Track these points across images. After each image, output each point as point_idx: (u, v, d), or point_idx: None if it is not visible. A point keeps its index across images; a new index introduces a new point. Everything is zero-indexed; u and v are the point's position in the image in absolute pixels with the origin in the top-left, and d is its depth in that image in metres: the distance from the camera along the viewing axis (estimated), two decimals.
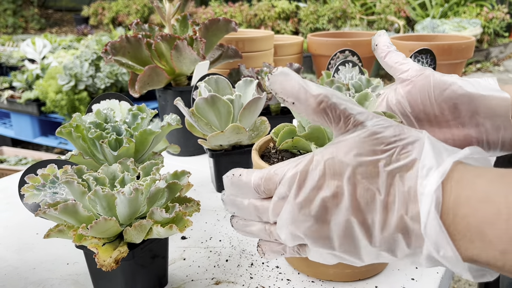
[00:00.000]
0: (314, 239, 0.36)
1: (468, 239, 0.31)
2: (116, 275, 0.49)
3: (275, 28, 5.26)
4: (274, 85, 0.37)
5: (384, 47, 0.53)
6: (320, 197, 0.35)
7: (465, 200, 0.31)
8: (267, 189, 0.38)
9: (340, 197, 0.34)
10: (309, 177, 0.35)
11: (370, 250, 0.35)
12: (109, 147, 0.58)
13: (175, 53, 0.83)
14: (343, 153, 0.35)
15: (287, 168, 0.37)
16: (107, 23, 7.11)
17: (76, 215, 0.45)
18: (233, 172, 0.40)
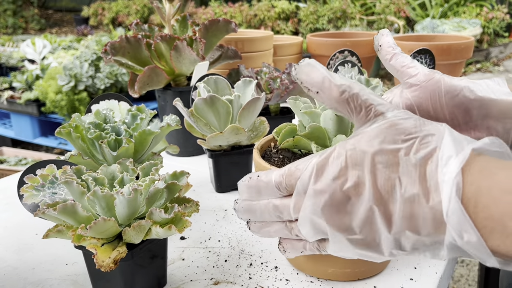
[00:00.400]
0: (336, 230, 0.36)
1: (488, 230, 0.30)
2: (115, 276, 0.49)
3: (275, 29, 5.26)
4: (300, 75, 0.38)
5: (389, 48, 0.51)
6: (341, 187, 0.35)
7: (486, 190, 0.31)
8: (289, 185, 0.38)
9: (362, 186, 0.35)
10: (330, 168, 0.36)
11: (390, 241, 0.35)
12: (108, 147, 0.58)
13: (175, 54, 0.83)
14: (364, 143, 0.35)
15: (309, 162, 0.37)
16: (107, 24, 7.11)
17: (75, 215, 0.45)
18: (250, 176, 0.41)
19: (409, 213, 0.33)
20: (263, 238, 0.63)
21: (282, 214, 0.40)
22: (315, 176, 0.36)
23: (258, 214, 0.41)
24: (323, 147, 0.51)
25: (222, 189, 0.78)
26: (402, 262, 0.56)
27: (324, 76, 0.38)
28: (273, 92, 0.90)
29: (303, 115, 0.51)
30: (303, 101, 0.52)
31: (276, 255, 0.59)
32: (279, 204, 0.39)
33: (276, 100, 0.93)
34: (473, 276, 1.97)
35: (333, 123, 0.48)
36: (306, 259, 0.53)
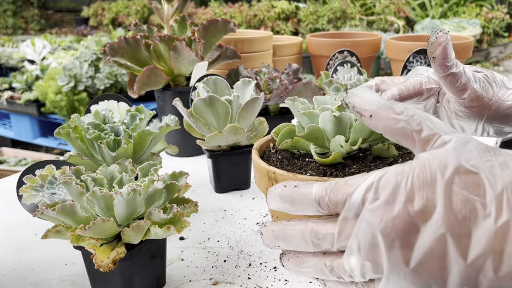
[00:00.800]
0: (394, 263, 0.30)
1: None
2: (114, 276, 0.49)
3: (274, 29, 5.26)
4: (352, 98, 0.34)
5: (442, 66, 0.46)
6: (406, 210, 0.30)
7: None
8: (333, 202, 0.32)
9: (432, 210, 0.29)
10: (393, 189, 0.30)
11: (462, 277, 0.29)
12: (107, 147, 0.58)
13: (174, 54, 0.83)
14: (436, 162, 0.30)
15: (362, 179, 0.32)
16: (107, 24, 7.11)
17: (74, 215, 0.45)
18: (285, 184, 0.35)
19: (494, 245, 0.28)
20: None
21: (321, 241, 0.33)
22: (373, 195, 0.31)
23: (291, 239, 0.35)
24: (322, 148, 0.51)
25: (222, 190, 0.78)
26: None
27: (379, 101, 0.33)
28: (272, 92, 0.91)
29: (301, 116, 0.51)
30: (301, 101, 0.52)
31: (275, 255, 0.59)
32: (319, 229, 0.33)
33: (275, 101, 0.93)
34: None
35: (332, 124, 0.48)
36: None
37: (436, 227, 0.29)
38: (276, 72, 0.95)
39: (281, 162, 0.52)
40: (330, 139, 0.49)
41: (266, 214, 0.70)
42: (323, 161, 0.48)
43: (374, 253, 0.30)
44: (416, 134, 0.32)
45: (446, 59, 0.45)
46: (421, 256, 0.29)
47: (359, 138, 0.48)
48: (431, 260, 0.29)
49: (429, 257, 0.29)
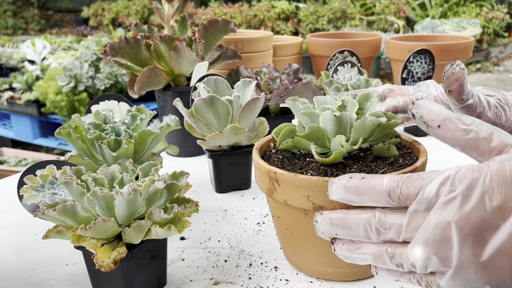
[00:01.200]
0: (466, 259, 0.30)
1: None
2: (115, 276, 0.49)
3: (274, 29, 5.26)
4: (419, 109, 0.35)
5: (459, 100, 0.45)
6: (484, 206, 0.30)
7: None
8: (405, 194, 0.33)
9: (511, 208, 0.29)
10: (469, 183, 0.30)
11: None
12: (108, 148, 0.58)
13: (174, 54, 0.83)
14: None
15: (437, 173, 0.32)
16: (107, 24, 7.11)
17: (74, 216, 0.45)
18: (350, 176, 0.36)
19: None
20: (263, 239, 0.63)
21: (387, 230, 0.34)
22: (449, 187, 0.31)
23: (353, 227, 0.36)
24: (323, 147, 0.51)
25: (222, 190, 0.78)
26: None
27: (447, 113, 0.34)
28: (273, 92, 0.91)
29: (302, 116, 0.51)
30: (302, 101, 0.52)
31: (276, 255, 0.59)
32: (388, 219, 0.34)
33: (275, 101, 0.93)
34: None
35: (332, 124, 0.48)
36: (306, 259, 0.53)
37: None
38: (276, 72, 0.95)
39: (281, 162, 0.52)
40: (330, 138, 0.49)
41: (266, 214, 0.70)
42: (324, 160, 0.48)
43: (444, 246, 0.30)
44: (486, 145, 0.33)
45: (463, 93, 0.45)
46: (495, 252, 0.29)
47: (359, 138, 0.48)
48: (505, 258, 0.29)
49: (503, 254, 0.29)
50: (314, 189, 0.45)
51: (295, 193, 0.47)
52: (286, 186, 0.48)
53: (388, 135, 0.54)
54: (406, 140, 0.56)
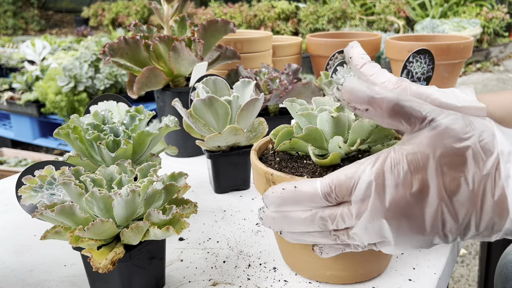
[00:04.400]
0: (402, 234, 0.38)
1: None
2: (113, 277, 0.49)
3: (275, 29, 5.26)
4: (344, 95, 0.38)
5: (359, 59, 0.51)
6: (406, 193, 0.37)
7: None
8: (340, 195, 0.39)
9: (427, 189, 0.36)
10: (391, 175, 0.37)
11: (456, 232, 0.38)
12: (106, 148, 0.58)
13: (173, 55, 0.83)
14: (425, 147, 0.37)
15: (361, 170, 0.38)
16: (107, 24, 7.11)
17: (73, 216, 0.45)
18: (282, 187, 0.41)
19: (476, 207, 0.36)
20: (261, 240, 0.63)
21: (328, 223, 0.40)
22: (376, 185, 0.37)
23: (297, 225, 0.41)
24: (320, 149, 0.51)
25: (221, 190, 0.78)
26: (400, 263, 0.56)
27: (370, 92, 0.38)
28: (272, 92, 0.90)
29: (299, 117, 0.51)
30: (299, 103, 0.52)
31: (275, 256, 0.59)
32: (328, 214, 0.40)
33: (275, 101, 0.93)
34: (473, 276, 1.97)
35: (330, 125, 0.48)
36: (305, 262, 0.53)
37: (434, 202, 0.37)
38: (275, 73, 0.95)
39: (279, 164, 0.52)
40: (328, 140, 0.49)
41: None
42: (321, 162, 0.48)
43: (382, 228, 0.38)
44: (406, 118, 0.38)
45: (359, 55, 0.51)
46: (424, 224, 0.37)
47: (357, 139, 0.48)
48: (433, 227, 0.37)
49: (431, 225, 0.37)
50: None
51: None
52: None
53: (387, 137, 0.53)
54: None
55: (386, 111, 0.38)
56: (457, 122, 0.37)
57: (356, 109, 0.38)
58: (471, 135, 0.36)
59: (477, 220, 0.37)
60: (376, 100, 0.38)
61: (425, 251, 0.58)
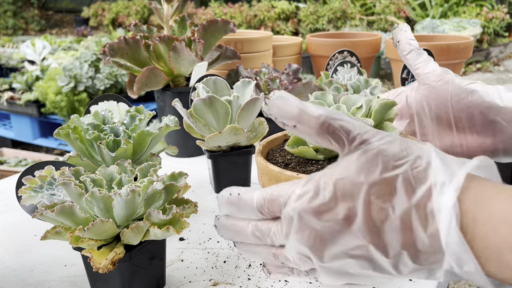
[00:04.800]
0: (325, 263, 0.35)
1: (484, 260, 0.30)
2: (114, 277, 0.49)
3: (275, 29, 5.26)
4: (272, 110, 0.36)
5: (406, 44, 0.50)
6: (331, 220, 0.34)
7: (483, 220, 0.30)
8: (272, 211, 0.37)
9: (353, 218, 0.33)
10: (316, 201, 0.34)
11: (387, 267, 0.34)
12: (106, 148, 0.58)
13: (173, 54, 0.83)
14: (353, 173, 0.33)
15: (292, 190, 0.36)
16: (107, 24, 7.12)
17: (73, 216, 0.45)
18: (230, 191, 0.39)
19: (407, 242, 0.33)
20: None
21: (264, 238, 0.38)
22: (300, 209, 0.34)
23: (241, 234, 0.39)
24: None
25: (221, 190, 0.78)
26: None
27: (299, 108, 0.35)
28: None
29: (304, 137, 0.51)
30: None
31: None
32: (264, 229, 0.38)
33: None
34: None
35: None
36: None
37: (359, 233, 0.33)
38: (276, 73, 0.95)
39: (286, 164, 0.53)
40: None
41: None
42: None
43: (307, 252, 0.35)
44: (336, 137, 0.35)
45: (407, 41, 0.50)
46: (349, 255, 0.34)
47: None
48: (358, 260, 0.34)
49: (355, 256, 0.34)
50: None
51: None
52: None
53: None
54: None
55: (315, 128, 0.35)
56: (391, 146, 0.34)
57: (285, 125, 0.36)
58: (404, 161, 0.33)
59: (412, 257, 0.33)
60: (304, 117, 0.35)
61: None
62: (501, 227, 0.29)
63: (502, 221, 0.30)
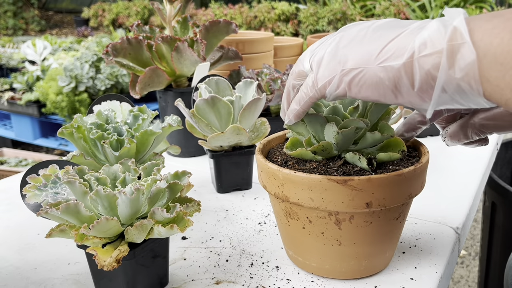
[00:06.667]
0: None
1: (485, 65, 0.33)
2: (117, 275, 0.49)
3: (275, 30, 5.27)
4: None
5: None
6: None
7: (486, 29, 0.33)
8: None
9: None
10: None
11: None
12: (110, 147, 0.59)
13: (176, 55, 0.84)
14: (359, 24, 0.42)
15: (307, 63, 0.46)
16: (107, 25, 7.12)
17: (78, 215, 0.46)
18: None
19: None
20: (264, 239, 0.63)
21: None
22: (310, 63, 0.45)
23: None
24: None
25: (223, 190, 0.78)
26: (402, 262, 0.57)
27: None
28: (274, 93, 0.91)
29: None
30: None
31: (277, 255, 0.59)
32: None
33: (276, 101, 0.93)
34: (473, 278, 1.97)
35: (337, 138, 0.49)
36: (306, 258, 0.53)
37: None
38: (277, 73, 0.95)
39: (285, 163, 0.53)
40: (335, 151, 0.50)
41: (267, 214, 0.70)
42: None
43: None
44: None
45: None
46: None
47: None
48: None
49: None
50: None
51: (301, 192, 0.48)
52: (291, 185, 0.48)
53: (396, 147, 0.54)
54: (411, 141, 0.57)
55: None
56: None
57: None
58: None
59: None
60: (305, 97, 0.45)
61: (427, 250, 0.59)
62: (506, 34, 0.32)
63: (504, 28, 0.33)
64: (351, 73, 0.39)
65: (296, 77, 0.46)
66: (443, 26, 0.35)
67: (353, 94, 0.40)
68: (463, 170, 0.86)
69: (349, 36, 0.41)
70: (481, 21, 0.34)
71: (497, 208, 1.29)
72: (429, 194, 0.73)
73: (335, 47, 0.41)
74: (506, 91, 0.33)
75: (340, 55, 0.40)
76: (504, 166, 1.52)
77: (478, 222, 2.39)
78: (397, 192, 0.47)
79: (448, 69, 0.34)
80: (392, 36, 0.38)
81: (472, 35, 0.34)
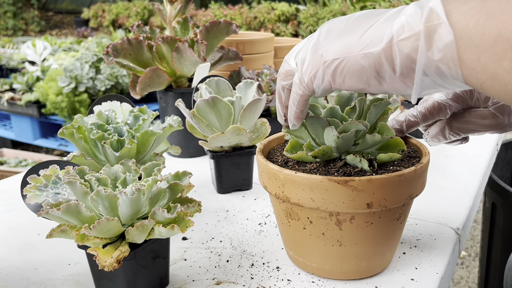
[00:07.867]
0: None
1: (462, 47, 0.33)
2: (118, 275, 0.49)
3: (274, 31, 5.27)
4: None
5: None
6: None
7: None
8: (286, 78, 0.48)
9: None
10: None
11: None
12: (111, 148, 0.59)
13: (176, 55, 0.84)
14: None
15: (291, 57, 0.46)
16: (107, 25, 7.13)
17: (78, 215, 0.46)
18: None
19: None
20: (264, 239, 0.63)
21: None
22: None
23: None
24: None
25: (224, 190, 0.78)
26: (403, 263, 0.57)
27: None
28: (274, 93, 0.91)
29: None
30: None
31: (278, 256, 0.59)
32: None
33: None
34: (473, 278, 1.97)
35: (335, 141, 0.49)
36: (306, 259, 0.53)
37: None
38: (277, 74, 0.95)
39: (286, 163, 0.53)
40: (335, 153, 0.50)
41: (268, 215, 0.70)
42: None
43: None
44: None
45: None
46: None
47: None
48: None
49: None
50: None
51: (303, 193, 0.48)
52: (292, 185, 0.48)
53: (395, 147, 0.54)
54: (412, 142, 0.57)
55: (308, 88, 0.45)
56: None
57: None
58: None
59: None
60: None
61: (428, 251, 0.59)
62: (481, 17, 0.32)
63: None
64: (333, 64, 0.39)
65: (284, 78, 0.46)
66: (419, 9, 0.35)
67: (337, 85, 0.40)
68: (463, 171, 0.86)
69: (330, 29, 0.41)
70: (458, 3, 0.33)
71: (497, 209, 1.29)
72: (430, 195, 0.73)
73: (316, 41, 0.41)
74: (481, 74, 0.32)
75: (321, 48, 0.40)
76: (504, 167, 1.52)
77: (478, 223, 2.40)
78: (398, 192, 0.47)
79: (427, 51, 0.34)
80: (370, 24, 0.38)
81: (449, 17, 0.33)
